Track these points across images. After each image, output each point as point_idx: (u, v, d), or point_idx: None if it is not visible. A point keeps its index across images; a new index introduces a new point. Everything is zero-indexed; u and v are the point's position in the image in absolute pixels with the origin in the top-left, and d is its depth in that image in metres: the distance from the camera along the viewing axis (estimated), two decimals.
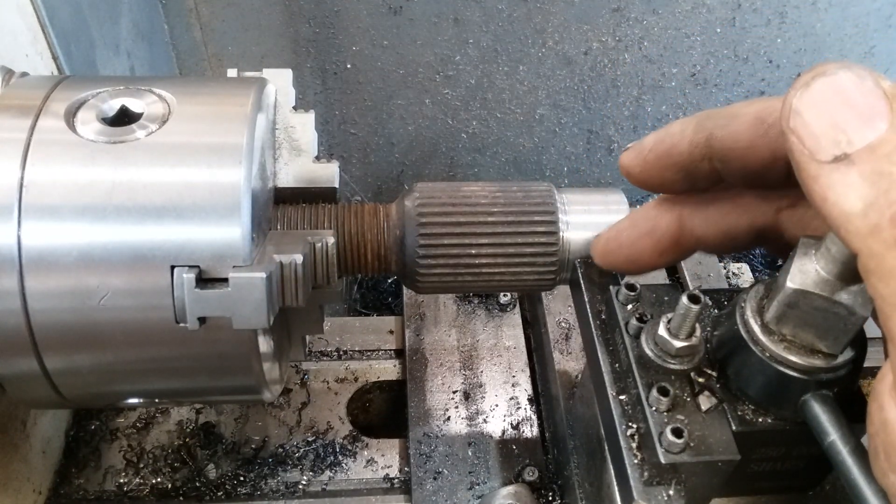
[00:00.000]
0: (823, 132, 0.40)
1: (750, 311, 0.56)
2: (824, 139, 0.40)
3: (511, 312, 1.09)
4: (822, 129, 0.40)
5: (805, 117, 0.41)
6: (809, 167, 0.41)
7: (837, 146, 0.40)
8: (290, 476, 0.92)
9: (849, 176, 0.39)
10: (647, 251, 0.64)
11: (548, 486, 0.90)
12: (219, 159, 0.63)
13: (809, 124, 0.41)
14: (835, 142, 0.40)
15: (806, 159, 0.41)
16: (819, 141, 0.40)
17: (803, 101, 0.41)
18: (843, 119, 0.40)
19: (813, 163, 0.41)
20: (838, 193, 0.39)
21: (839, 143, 0.40)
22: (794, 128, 0.42)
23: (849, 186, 0.39)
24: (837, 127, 0.40)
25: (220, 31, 1.31)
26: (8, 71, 0.71)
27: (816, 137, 0.41)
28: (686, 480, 0.55)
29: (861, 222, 0.39)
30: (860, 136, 0.39)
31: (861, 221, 0.39)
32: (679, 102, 1.45)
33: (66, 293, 0.61)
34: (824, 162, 0.40)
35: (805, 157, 0.41)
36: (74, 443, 0.93)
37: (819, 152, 0.40)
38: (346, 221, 0.74)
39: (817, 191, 0.41)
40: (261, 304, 0.60)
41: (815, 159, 0.41)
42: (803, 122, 0.41)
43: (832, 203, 0.40)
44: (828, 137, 0.40)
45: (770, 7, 1.32)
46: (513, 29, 1.32)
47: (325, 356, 1.06)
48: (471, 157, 1.51)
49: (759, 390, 0.56)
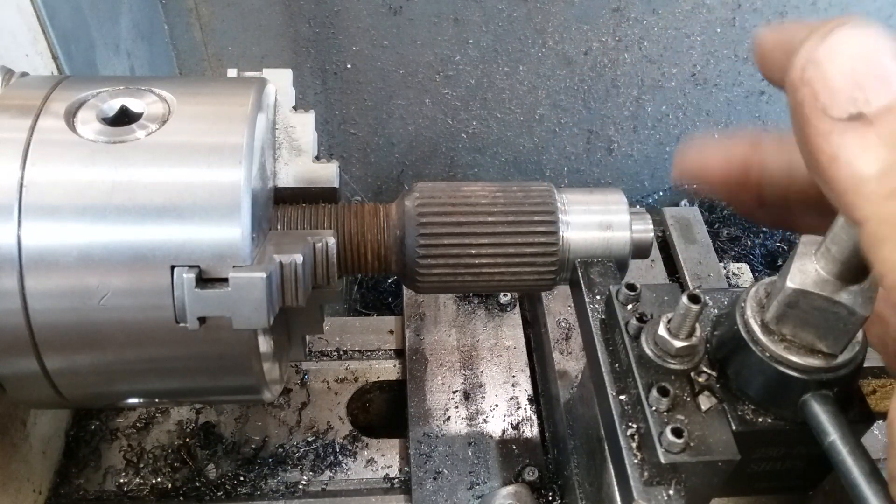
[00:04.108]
0: (841, 86, 0.37)
1: (750, 311, 0.56)
2: (841, 94, 0.37)
3: (511, 312, 1.09)
4: (840, 83, 0.37)
5: (824, 68, 0.38)
6: (821, 123, 0.38)
7: (854, 104, 0.37)
8: (290, 476, 0.92)
9: (866, 137, 0.37)
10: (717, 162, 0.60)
11: (548, 486, 0.90)
12: (219, 159, 0.63)
13: (828, 76, 0.38)
14: (852, 98, 0.37)
15: (818, 114, 0.38)
16: (836, 95, 0.37)
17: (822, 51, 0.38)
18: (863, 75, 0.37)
19: (826, 118, 0.38)
20: (852, 154, 0.37)
21: (856, 100, 0.37)
22: (810, 78, 0.38)
23: (865, 147, 0.37)
24: (857, 83, 0.37)
25: (220, 31, 1.31)
26: (8, 71, 0.71)
27: (833, 91, 0.38)
28: (686, 480, 0.55)
29: (877, 185, 0.36)
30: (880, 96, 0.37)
31: (876, 184, 0.36)
32: (679, 102, 1.45)
33: (66, 293, 0.61)
34: (838, 119, 0.37)
35: (817, 111, 0.38)
36: (74, 443, 0.93)
37: (834, 108, 0.37)
38: (346, 221, 0.74)
39: (826, 149, 0.38)
40: (261, 304, 0.60)
41: (828, 114, 0.38)
42: (821, 74, 0.38)
43: (844, 163, 0.37)
44: (845, 93, 0.37)
45: (770, 7, 1.32)
46: (513, 29, 1.32)
47: (325, 356, 1.06)
48: (471, 157, 1.51)
49: (759, 390, 0.56)
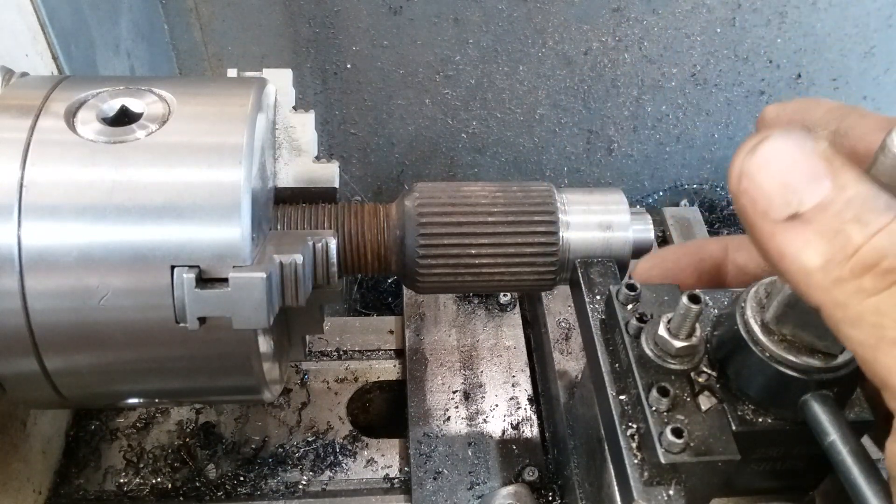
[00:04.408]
0: (775, 192, 0.42)
1: (750, 311, 0.56)
2: (776, 199, 0.42)
3: (511, 312, 1.09)
4: (773, 190, 0.42)
5: (756, 179, 0.43)
6: (764, 226, 0.43)
7: (789, 206, 0.41)
8: (290, 476, 0.92)
9: (805, 234, 0.41)
10: (688, 270, 0.67)
11: (548, 486, 0.90)
12: (219, 159, 0.63)
13: (761, 185, 0.42)
14: (787, 202, 0.42)
15: (760, 219, 0.43)
16: (772, 200, 0.42)
17: (752, 164, 0.43)
18: (791, 179, 0.42)
19: (767, 222, 0.42)
20: (796, 250, 0.41)
21: (790, 203, 0.41)
22: (746, 189, 0.43)
23: (806, 243, 0.41)
24: (787, 187, 0.42)
25: (220, 31, 1.31)
26: (8, 71, 0.71)
27: (769, 197, 0.42)
28: (686, 480, 0.55)
29: (823, 276, 0.41)
30: (809, 195, 0.41)
31: (823, 275, 0.41)
32: (679, 102, 1.45)
33: (66, 293, 0.61)
34: (778, 221, 0.42)
35: (759, 216, 0.43)
36: (74, 443, 0.93)
37: (772, 212, 0.42)
38: (346, 221, 0.74)
39: (774, 248, 0.43)
40: (261, 304, 0.60)
41: (769, 219, 0.42)
42: (755, 184, 0.43)
43: (791, 259, 0.42)
44: (779, 197, 0.42)
45: (770, 7, 1.31)
46: (513, 29, 1.32)
47: (325, 356, 1.06)
48: (471, 157, 1.51)
49: (759, 390, 0.56)
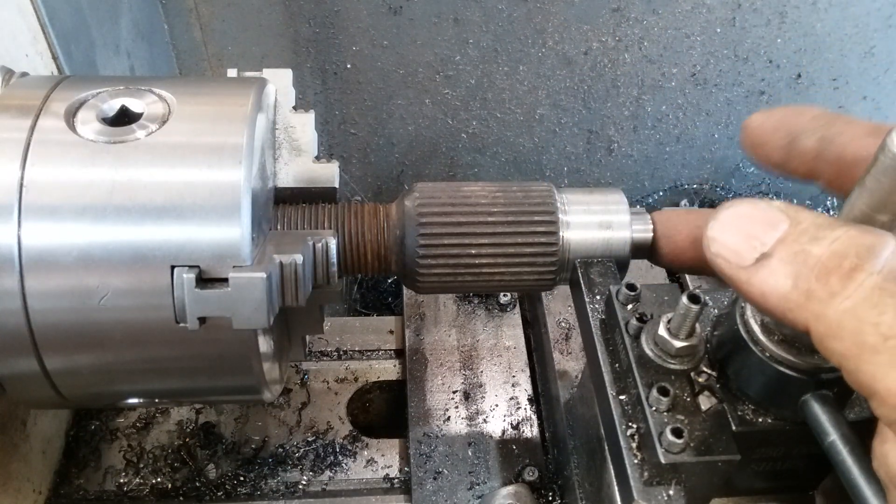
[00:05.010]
0: (740, 244, 0.48)
1: (750, 311, 0.56)
2: (743, 249, 0.47)
3: (511, 312, 1.09)
4: (738, 243, 0.48)
5: (722, 239, 0.49)
6: (740, 276, 0.48)
7: (755, 251, 0.47)
8: (290, 476, 0.92)
9: (772, 265, 0.46)
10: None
11: (548, 486, 0.90)
12: (219, 159, 0.63)
13: (727, 243, 0.48)
14: (752, 248, 0.47)
15: (735, 271, 0.48)
16: (740, 252, 0.48)
17: (716, 229, 0.49)
18: (752, 230, 0.47)
19: (741, 271, 0.47)
20: (769, 283, 0.46)
21: (755, 248, 0.47)
22: (717, 251, 0.49)
23: (774, 273, 0.46)
24: (750, 236, 0.47)
25: (220, 31, 1.31)
26: (8, 71, 0.71)
27: (737, 250, 0.48)
28: (686, 480, 0.55)
29: (797, 294, 0.44)
30: (770, 237, 0.47)
31: (796, 294, 0.45)
32: (679, 102, 1.45)
33: (66, 293, 0.61)
34: (749, 266, 0.47)
35: (733, 269, 0.48)
36: (74, 443, 0.93)
37: (742, 260, 0.47)
38: (346, 221, 0.74)
39: (754, 291, 0.47)
40: (261, 304, 0.60)
41: (742, 268, 0.47)
42: (723, 244, 0.49)
43: (769, 293, 0.46)
44: (745, 246, 0.47)
45: (770, 7, 1.31)
46: (513, 29, 1.32)
47: (325, 356, 1.06)
48: (471, 157, 1.51)
49: (759, 390, 0.56)
